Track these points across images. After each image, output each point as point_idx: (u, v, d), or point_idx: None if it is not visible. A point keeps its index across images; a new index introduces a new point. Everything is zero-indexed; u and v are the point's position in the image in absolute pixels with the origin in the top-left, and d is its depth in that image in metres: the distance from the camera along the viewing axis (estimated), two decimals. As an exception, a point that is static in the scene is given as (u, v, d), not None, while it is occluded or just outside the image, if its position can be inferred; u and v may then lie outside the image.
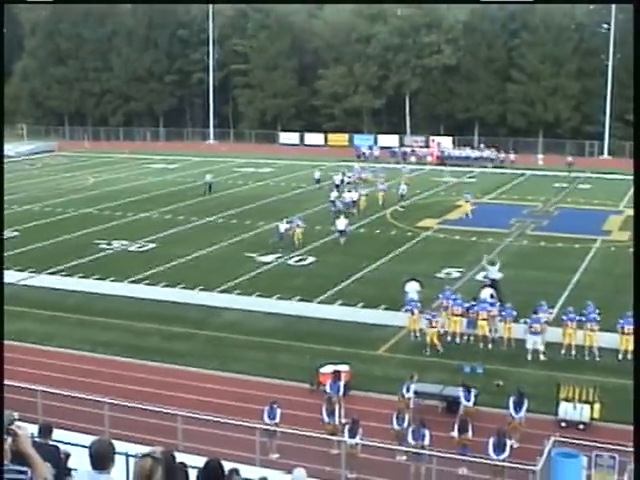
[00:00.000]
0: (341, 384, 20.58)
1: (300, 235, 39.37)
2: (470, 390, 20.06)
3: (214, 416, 18.68)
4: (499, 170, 68.08)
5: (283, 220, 39.81)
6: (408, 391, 20.17)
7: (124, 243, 39.82)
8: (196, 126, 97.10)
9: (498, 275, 30.26)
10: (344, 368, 21.97)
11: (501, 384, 22.06)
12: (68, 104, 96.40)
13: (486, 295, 27.15)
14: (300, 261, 36.43)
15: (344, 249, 38.64)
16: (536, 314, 24.99)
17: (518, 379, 22.28)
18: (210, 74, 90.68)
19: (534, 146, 79.34)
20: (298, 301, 30.25)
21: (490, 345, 25.41)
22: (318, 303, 30.15)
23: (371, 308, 29.28)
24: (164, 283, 32.60)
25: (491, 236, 41.20)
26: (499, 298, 27.53)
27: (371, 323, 27.79)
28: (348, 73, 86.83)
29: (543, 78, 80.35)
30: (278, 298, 30.58)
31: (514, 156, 71.55)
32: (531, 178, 64.39)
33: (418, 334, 25.78)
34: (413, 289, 28.16)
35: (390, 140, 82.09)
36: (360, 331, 27.06)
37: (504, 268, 33.67)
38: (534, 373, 23.36)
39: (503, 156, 71.51)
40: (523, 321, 25.38)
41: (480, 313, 25.73)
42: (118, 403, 19.04)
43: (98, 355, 25.06)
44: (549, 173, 65.27)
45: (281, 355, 25.05)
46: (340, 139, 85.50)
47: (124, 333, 26.99)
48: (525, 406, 19.12)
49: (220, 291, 31.56)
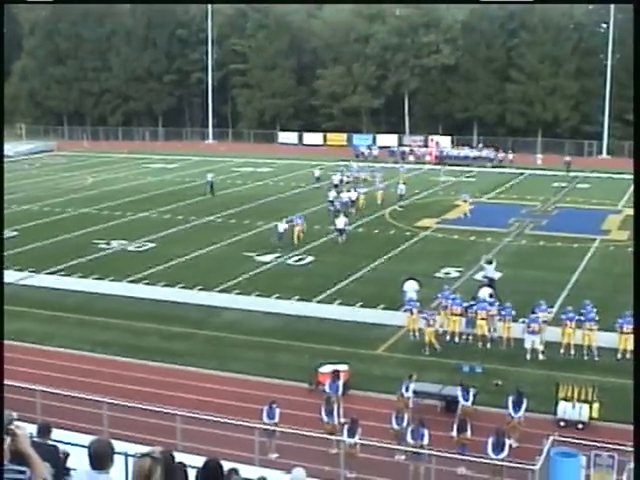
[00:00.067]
0: (340, 384, 20.57)
1: (301, 234, 39.51)
2: (468, 390, 20.07)
3: (213, 416, 18.68)
4: (498, 170, 68.08)
5: (282, 220, 39.82)
6: (407, 390, 20.18)
7: (123, 243, 39.81)
8: (195, 126, 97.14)
9: (495, 274, 30.29)
10: (343, 368, 21.96)
11: (500, 383, 22.06)
12: (67, 104, 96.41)
13: (485, 294, 27.16)
14: (299, 261, 36.43)
15: (343, 249, 38.66)
16: (534, 314, 25.01)
17: (517, 379, 22.27)
18: (209, 74, 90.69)
19: (533, 146, 79.37)
20: (297, 301, 30.24)
21: (489, 344, 25.42)
22: (317, 303, 30.15)
23: (370, 308, 29.28)
24: (163, 283, 32.60)
25: (490, 236, 41.21)
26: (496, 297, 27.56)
27: (370, 322, 27.79)
28: (347, 73, 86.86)
29: (542, 78, 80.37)
30: (277, 298, 30.58)
31: (512, 156, 71.61)
32: (530, 178, 64.40)
33: (417, 334, 25.78)
34: (412, 288, 28.18)
35: (389, 140, 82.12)
36: (359, 331, 27.06)
37: (503, 268, 33.81)
38: (533, 372, 23.36)
39: (502, 156, 71.53)
40: (522, 321, 25.40)
41: (479, 312, 25.74)
42: (117, 403, 19.03)
43: (97, 355, 25.06)
44: (548, 173, 65.30)
45: (280, 355, 25.06)
46: (339, 139, 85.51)
47: (123, 333, 26.99)
48: (524, 405, 19.11)
49: (219, 291, 31.56)
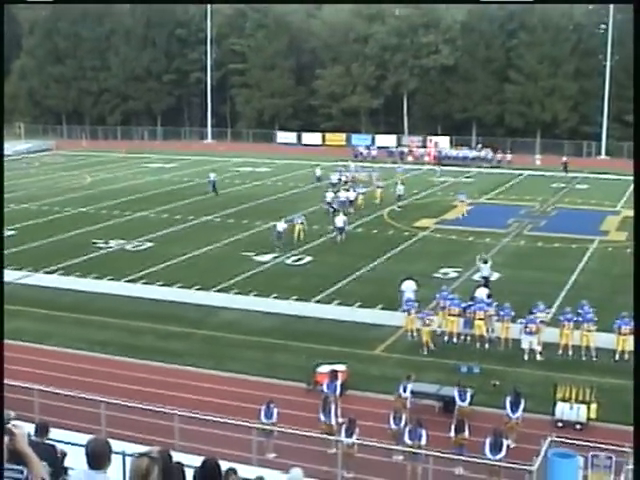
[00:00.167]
0: (338, 384, 20.56)
1: (301, 233, 39.56)
2: (466, 390, 20.06)
3: (211, 415, 18.66)
4: (497, 170, 68.07)
5: (281, 219, 39.81)
6: (405, 391, 20.18)
7: (121, 242, 39.79)
8: (194, 125, 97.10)
9: (490, 273, 30.33)
10: (341, 368, 21.96)
11: (498, 384, 22.06)
12: (66, 103, 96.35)
13: (482, 295, 27.15)
14: (297, 261, 36.43)
15: (341, 249, 38.65)
16: (532, 314, 25.01)
17: (515, 379, 22.26)
18: (208, 73, 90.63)
19: (532, 146, 79.35)
20: (295, 301, 30.23)
21: (487, 345, 25.42)
22: (315, 303, 30.14)
23: (368, 308, 29.27)
24: (161, 282, 32.58)
25: (488, 236, 41.21)
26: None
27: (368, 323, 27.79)
28: (346, 73, 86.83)
29: (541, 78, 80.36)
30: (275, 298, 30.57)
31: (510, 156, 71.60)
32: (529, 178, 64.40)
33: (415, 334, 25.79)
34: (410, 288, 28.18)
35: (388, 140, 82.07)
36: (357, 331, 27.06)
37: (501, 268, 33.89)
38: (531, 373, 23.37)
39: (500, 156, 71.53)
40: (519, 321, 25.40)
41: (477, 313, 25.74)
42: (115, 402, 19.01)
43: (95, 354, 25.05)
44: (547, 173, 65.29)
45: (278, 355, 25.05)
46: (338, 139, 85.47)
47: (121, 332, 26.97)
48: (522, 406, 19.11)
49: (217, 290, 31.55)
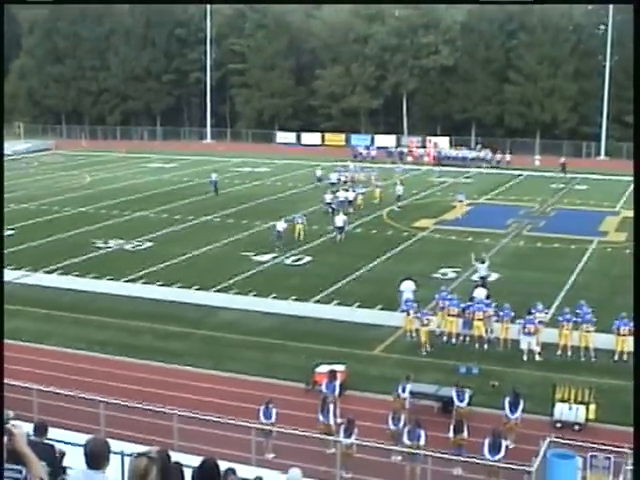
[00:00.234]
0: (337, 384, 20.56)
1: (301, 232, 39.62)
2: (464, 391, 20.06)
3: (210, 415, 18.67)
4: (496, 171, 68.05)
5: (281, 219, 39.82)
6: (404, 391, 20.18)
7: (120, 242, 39.79)
8: (193, 125, 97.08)
9: (487, 273, 30.34)
10: (340, 368, 21.95)
11: (497, 385, 22.06)
12: (65, 103, 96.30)
13: (481, 295, 27.16)
14: (297, 261, 36.43)
15: (340, 249, 38.66)
16: (531, 315, 25.02)
17: (514, 380, 22.28)
18: (207, 73, 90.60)
19: (531, 147, 79.33)
20: (294, 301, 30.25)
21: (486, 346, 25.43)
22: (314, 303, 30.14)
23: (367, 308, 29.28)
24: (160, 282, 32.58)
25: (487, 237, 41.22)
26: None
27: (367, 323, 27.79)
28: (345, 73, 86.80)
29: (540, 79, 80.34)
30: (274, 298, 30.57)
31: (510, 157, 71.58)
32: (528, 179, 64.40)
33: (414, 334, 25.80)
34: (408, 288, 28.20)
35: (387, 140, 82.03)
36: (356, 331, 27.06)
37: (501, 269, 33.90)
38: (530, 374, 23.37)
39: (499, 157, 71.51)
40: (518, 322, 25.41)
41: (476, 314, 25.74)
42: (114, 402, 19.02)
43: (94, 354, 25.05)
44: (546, 174, 65.26)
45: (277, 355, 25.05)
46: (337, 139, 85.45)
47: (120, 332, 26.97)
48: (521, 407, 19.12)
49: (216, 290, 31.54)
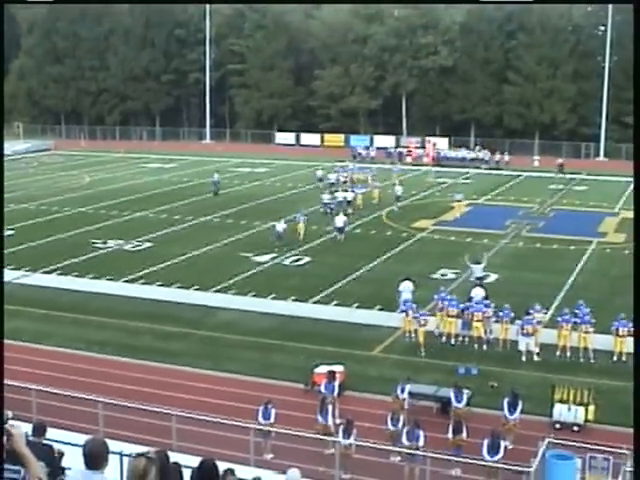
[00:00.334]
0: (336, 384, 20.55)
1: (301, 231, 39.68)
2: (462, 391, 20.04)
3: (209, 416, 18.66)
4: (495, 171, 68.07)
5: (280, 220, 39.83)
6: (402, 392, 20.17)
7: (120, 242, 39.78)
8: (192, 126, 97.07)
9: (483, 274, 30.36)
10: (339, 368, 21.93)
11: (495, 385, 22.07)
12: (64, 103, 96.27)
13: (478, 295, 27.15)
14: (296, 261, 36.43)
15: (339, 249, 38.66)
16: (529, 315, 25.02)
17: (513, 380, 22.29)
18: (207, 74, 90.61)
19: (530, 148, 79.39)
20: (293, 301, 30.25)
21: (485, 346, 25.44)
22: (313, 303, 30.14)
23: (366, 309, 29.29)
24: (159, 282, 32.58)
25: (486, 237, 41.22)
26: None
27: (366, 323, 27.79)
28: (344, 74, 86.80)
29: (539, 80, 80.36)
30: (273, 298, 30.57)
31: (508, 157, 71.60)
32: (527, 179, 64.42)
33: (413, 335, 25.80)
34: (407, 288, 28.22)
35: (386, 141, 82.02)
36: (355, 331, 27.06)
37: (500, 269, 33.94)
38: (529, 374, 23.37)
39: (498, 157, 71.51)
40: (516, 323, 25.39)
41: (475, 314, 25.74)
42: (112, 402, 19.01)
43: (93, 354, 25.04)
44: (545, 175, 65.28)
45: (276, 355, 25.05)
46: (336, 139, 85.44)
47: (119, 332, 26.96)
48: (519, 407, 19.11)
49: (215, 291, 31.54)
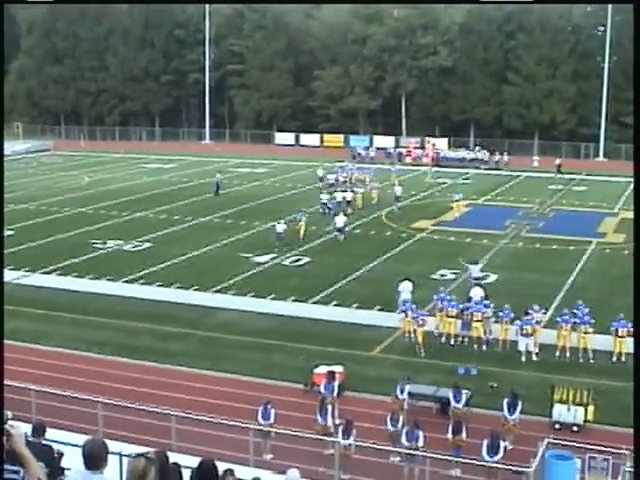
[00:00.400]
0: (335, 385, 20.55)
1: (301, 230, 39.67)
2: (461, 391, 20.03)
3: (208, 416, 18.67)
4: (494, 172, 68.07)
5: (280, 220, 39.83)
6: (402, 392, 20.17)
7: (119, 243, 39.77)
8: (192, 126, 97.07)
9: (480, 274, 30.37)
10: (338, 369, 21.93)
11: (495, 386, 22.07)
12: (64, 103, 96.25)
13: (477, 295, 27.15)
14: (295, 261, 36.43)
15: (339, 250, 38.66)
16: (528, 316, 25.02)
17: (512, 381, 22.29)
18: (206, 74, 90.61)
19: (530, 148, 79.42)
20: (293, 301, 30.25)
21: (484, 347, 25.44)
22: (313, 303, 30.14)
23: (366, 309, 29.29)
24: (159, 283, 32.57)
25: (486, 238, 41.23)
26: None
27: (366, 324, 27.79)
28: (344, 74, 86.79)
29: (539, 80, 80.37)
30: (273, 298, 30.57)
31: (507, 158, 71.61)
32: (526, 180, 64.42)
33: (412, 335, 25.79)
34: (406, 289, 28.22)
35: (386, 141, 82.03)
36: (354, 332, 27.06)
37: (499, 270, 33.98)
38: (528, 375, 23.37)
39: (497, 158, 71.51)
40: (516, 323, 25.39)
41: (474, 315, 25.75)
42: (112, 402, 19.01)
43: (92, 354, 25.03)
44: (544, 175, 65.29)
45: (275, 355, 25.05)
46: (336, 140, 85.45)
47: (118, 333, 26.95)
48: (519, 408, 19.11)
49: (215, 291, 31.54)
